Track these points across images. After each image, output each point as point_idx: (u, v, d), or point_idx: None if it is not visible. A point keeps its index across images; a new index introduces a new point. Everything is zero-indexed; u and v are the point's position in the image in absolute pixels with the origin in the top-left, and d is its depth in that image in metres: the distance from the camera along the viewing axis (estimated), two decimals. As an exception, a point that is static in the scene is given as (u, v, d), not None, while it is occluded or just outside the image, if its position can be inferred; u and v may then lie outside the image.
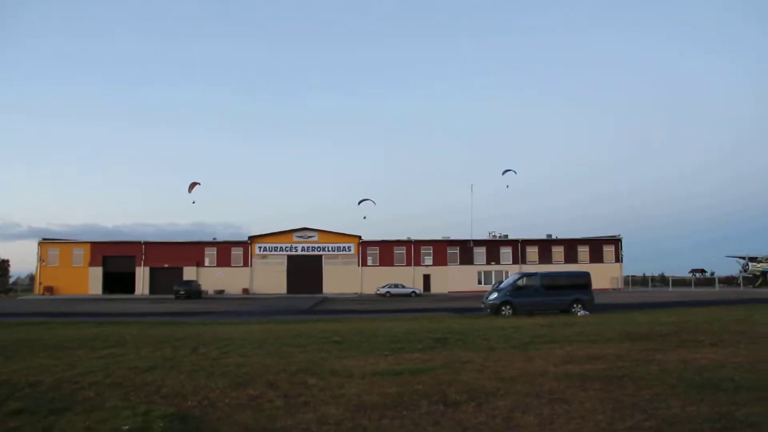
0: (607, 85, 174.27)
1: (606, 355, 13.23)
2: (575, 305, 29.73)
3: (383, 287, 67.34)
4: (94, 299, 62.68)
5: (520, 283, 30.39)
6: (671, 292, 64.23)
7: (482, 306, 31.10)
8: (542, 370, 11.18)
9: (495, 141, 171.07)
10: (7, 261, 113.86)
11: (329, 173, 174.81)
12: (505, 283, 32.38)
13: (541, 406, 8.07)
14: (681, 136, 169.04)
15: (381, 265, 76.25)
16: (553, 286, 30.55)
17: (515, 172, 73.52)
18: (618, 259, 78.29)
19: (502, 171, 73.61)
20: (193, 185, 69.96)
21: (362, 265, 76.46)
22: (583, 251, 78.07)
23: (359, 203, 73.01)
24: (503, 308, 29.11)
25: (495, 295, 30.16)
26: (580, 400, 8.42)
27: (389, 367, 11.70)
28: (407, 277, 73.48)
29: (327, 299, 58.85)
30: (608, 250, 78.50)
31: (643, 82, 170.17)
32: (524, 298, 29.63)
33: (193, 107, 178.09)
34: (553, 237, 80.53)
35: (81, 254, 75.91)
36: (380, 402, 8.46)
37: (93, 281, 75.16)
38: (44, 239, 77.65)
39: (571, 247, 78.31)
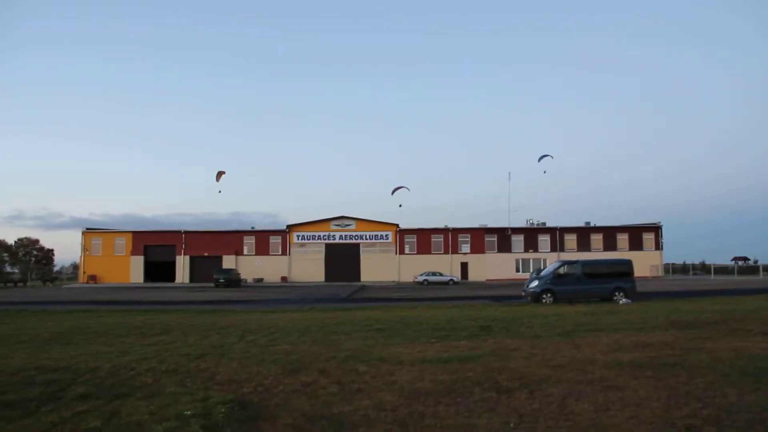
0: (641, 67, 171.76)
1: (654, 343, 13.16)
2: (617, 293, 29.43)
3: (421, 275, 67.22)
4: (136, 287, 63.73)
5: (560, 271, 30.15)
6: (713, 281, 63.15)
7: (522, 294, 31.01)
8: (591, 357, 11.16)
9: (530, 128, 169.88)
10: (52, 250, 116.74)
11: (366, 162, 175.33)
12: (546, 271, 32.20)
13: (595, 394, 8.09)
14: (715, 110, 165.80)
15: (418, 253, 76.30)
16: (594, 274, 30.24)
17: (552, 157, 72.60)
18: (658, 246, 77.19)
19: (538, 157, 72.75)
20: (220, 174, 70.59)
21: (400, 253, 76.58)
22: (623, 239, 77.16)
23: (392, 192, 72.72)
24: (544, 296, 28.96)
25: (535, 283, 30.00)
26: (633, 387, 8.41)
27: (437, 355, 11.77)
28: (445, 265, 73.43)
29: (365, 287, 58.98)
30: (648, 238, 77.45)
31: (674, 61, 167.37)
32: (565, 286, 29.43)
33: (229, 97, 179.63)
34: (592, 224, 79.55)
35: (123, 243, 77.26)
36: (433, 389, 8.55)
37: (134, 270, 76.54)
38: (88, 229, 79.14)
39: (610, 234, 77.42)
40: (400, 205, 75.01)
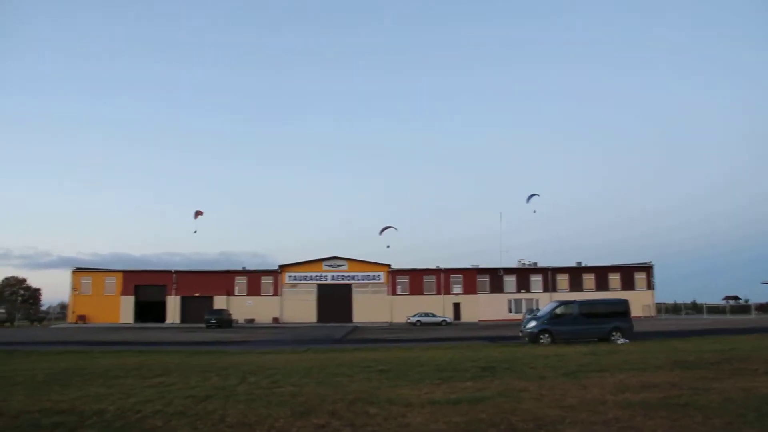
0: (630, 107, 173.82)
1: (660, 383, 13.10)
2: (614, 333, 29.40)
3: (413, 316, 67.03)
4: (127, 328, 63.13)
5: (558, 311, 30.11)
6: (706, 320, 63.27)
7: (520, 334, 30.93)
8: (600, 398, 11.09)
9: (521, 167, 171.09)
10: (39, 290, 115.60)
11: (356, 201, 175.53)
12: (543, 311, 32.17)
13: (613, 435, 8.03)
14: (705, 151, 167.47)
15: (411, 293, 76.14)
16: (592, 314, 30.22)
17: (539, 195, 73.25)
18: (650, 286, 77.41)
19: (526, 198, 73.21)
20: (198, 213, 70.63)
21: (392, 294, 76.39)
22: (614, 278, 77.38)
23: (381, 232, 72.98)
24: (541, 336, 28.86)
25: (533, 323, 29.94)
26: (650, 428, 8.37)
27: (445, 396, 11.67)
28: (437, 306, 73.15)
29: (357, 328, 58.67)
30: (639, 278, 77.68)
31: (661, 105, 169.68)
32: (563, 327, 29.35)
33: (214, 134, 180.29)
34: (584, 264, 79.80)
35: (113, 283, 76.73)
36: (449, 431, 8.44)
37: (125, 310, 75.84)
38: (77, 268, 78.57)
39: (601, 274, 77.63)
40: (388, 246, 74.80)
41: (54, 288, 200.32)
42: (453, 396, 11.69)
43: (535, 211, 74.49)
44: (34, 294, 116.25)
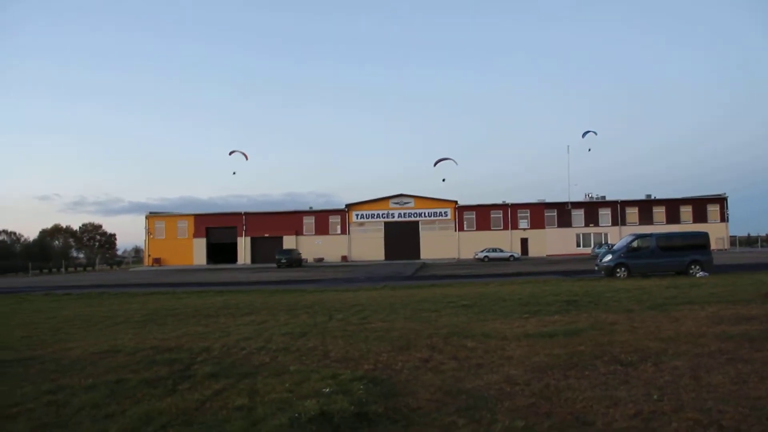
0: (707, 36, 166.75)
1: (756, 315, 12.88)
2: (693, 266, 28.86)
3: (481, 252, 66.90)
4: (201, 269, 65.06)
5: (634, 244, 29.63)
6: (784, 252, 61.55)
7: (596, 268, 30.68)
8: (697, 330, 11.00)
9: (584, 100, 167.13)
10: (114, 235, 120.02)
11: (419, 137, 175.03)
12: (619, 244, 31.76)
13: (722, 366, 7.98)
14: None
15: (478, 229, 76.05)
16: (669, 247, 29.65)
17: (596, 133, 70.75)
18: (723, 218, 75.20)
19: (582, 134, 70.80)
20: (235, 152, 69.30)
21: (459, 230, 76.47)
22: (686, 211, 75.40)
23: (435, 164, 69.95)
24: (618, 270, 28.56)
25: (609, 257, 29.60)
26: (760, 360, 8.26)
27: (538, 330, 11.74)
28: (504, 241, 73.08)
29: (426, 265, 58.94)
30: (713, 210, 75.50)
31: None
32: (640, 260, 28.97)
33: (276, 78, 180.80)
34: (653, 197, 77.96)
35: (185, 226, 78.92)
36: (554, 363, 8.54)
37: (197, 252, 78.25)
38: (151, 213, 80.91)
39: (672, 207, 75.77)
40: (444, 180, 71.91)
41: (126, 233, 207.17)
42: (545, 329, 11.75)
43: (590, 150, 71.94)
44: (110, 239, 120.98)
